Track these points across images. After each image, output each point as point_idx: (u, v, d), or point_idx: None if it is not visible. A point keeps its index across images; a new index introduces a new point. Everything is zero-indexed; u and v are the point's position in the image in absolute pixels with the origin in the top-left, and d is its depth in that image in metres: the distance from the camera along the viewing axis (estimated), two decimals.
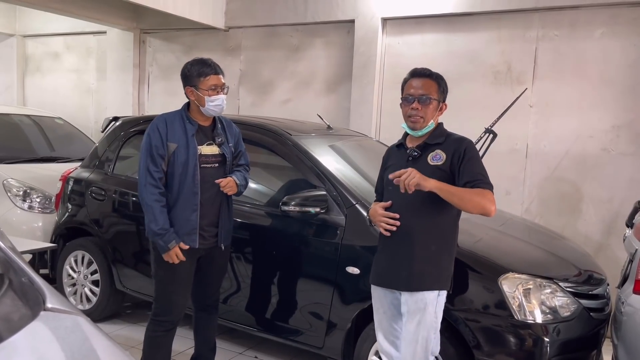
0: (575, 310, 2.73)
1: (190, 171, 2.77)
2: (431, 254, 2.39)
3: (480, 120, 4.75)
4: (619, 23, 4.46)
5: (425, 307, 2.36)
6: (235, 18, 6.34)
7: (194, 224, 2.81)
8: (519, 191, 4.90)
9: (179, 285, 2.88)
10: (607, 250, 4.53)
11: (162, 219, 2.73)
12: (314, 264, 3.20)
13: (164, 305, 2.90)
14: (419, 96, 2.40)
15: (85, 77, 7.63)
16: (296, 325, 3.26)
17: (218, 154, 2.88)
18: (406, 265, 2.39)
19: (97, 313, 4.08)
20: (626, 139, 4.48)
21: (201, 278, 3.00)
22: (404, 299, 2.41)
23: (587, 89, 4.60)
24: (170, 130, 2.79)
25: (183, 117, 2.84)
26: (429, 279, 2.39)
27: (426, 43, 5.26)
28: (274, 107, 6.16)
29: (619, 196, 4.50)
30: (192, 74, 2.80)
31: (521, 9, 4.79)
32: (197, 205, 2.80)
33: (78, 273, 4.20)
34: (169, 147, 2.77)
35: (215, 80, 2.79)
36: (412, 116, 2.41)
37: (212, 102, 2.78)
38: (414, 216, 2.39)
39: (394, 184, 2.36)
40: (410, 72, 2.50)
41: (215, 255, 2.99)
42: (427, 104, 2.40)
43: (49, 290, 1.41)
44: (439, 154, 2.39)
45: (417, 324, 2.36)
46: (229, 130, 2.99)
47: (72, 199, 4.28)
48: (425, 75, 2.46)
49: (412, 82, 2.45)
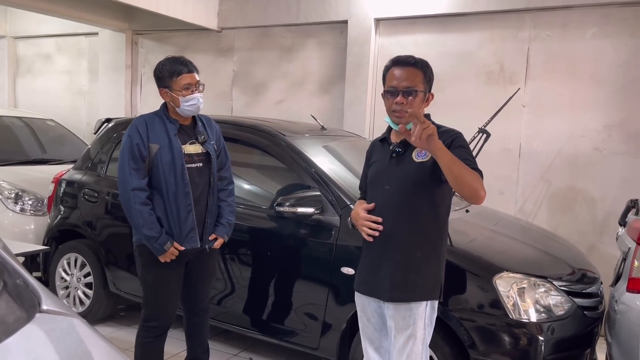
0: (569, 309, 2.74)
1: (179, 171, 2.70)
2: (416, 261, 2.19)
3: (473, 120, 4.76)
4: (610, 23, 4.49)
5: (415, 322, 2.17)
6: (228, 19, 6.32)
7: (192, 224, 2.74)
8: (512, 191, 4.92)
9: (168, 290, 2.81)
10: (600, 248, 4.55)
11: (154, 222, 2.66)
12: (309, 265, 3.20)
13: (153, 311, 2.83)
14: (404, 89, 2.14)
15: (77, 79, 7.59)
16: (291, 326, 3.26)
17: (202, 152, 2.81)
18: (388, 273, 2.19)
19: (91, 316, 4.05)
20: (618, 138, 4.51)
21: (190, 282, 2.93)
22: (389, 313, 2.21)
23: (579, 88, 4.63)
24: (151, 131, 2.69)
25: (163, 117, 2.75)
26: (414, 288, 2.18)
27: (419, 43, 5.28)
28: (267, 108, 6.15)
29: (611, 195, 4.53)
30: (164, 75, 2.70)
31: (513, 10, 4.81)
32: (191, 205, 2.73)
33: (71, 276, 4.17)
34: (150, 149, 2.68)
35: (189, 79, 2.69)
36: (397, 111, 2.16)
37: (187, 102, 2.69)
38: (398, 218, 2.19)
39: (377, 184, 2.23)
40: (392, 60, 2.23)
41: (203, 258, 2.91)
42: (412, 98, 2.14)
43: (44, 292, 1.40)
44: (425, 150, 2.10)
45: (407, 338, 2.17)
46: (210, 127, 2.91)
47: (64, 201, 4.26)
48: (409, 63, 2.18)
49: (394, 72, 2.18)
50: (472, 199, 2.04)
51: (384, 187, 2.23)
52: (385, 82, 2.26)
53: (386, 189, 2.22)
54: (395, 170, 2.22)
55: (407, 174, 2.18)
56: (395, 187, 2.20)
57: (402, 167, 2.20)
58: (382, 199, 2.22)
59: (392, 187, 2.21)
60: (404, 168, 2.19)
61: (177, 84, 2.67)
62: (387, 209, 2.21)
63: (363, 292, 2.32)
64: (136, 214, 2.65)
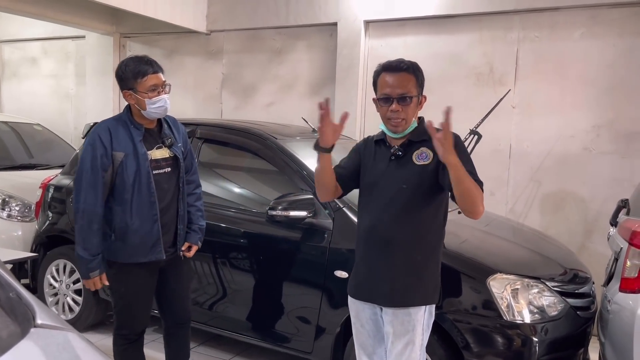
0: (562, 309, 2.75)
1: (144, 180, 2.56)
2: (416, 265, 2.16)
3: (463, 122, 4.77)
4: (597, 24, 4.52)
5: (414, 328, 2.14)
6: (217, 21, 6.29)
7: (157, 234, 2.62)
8: (503, 191, 4.94)
9: (140, 298, 2.72)
10: (590, 248, 4.58)
11: (93, 245, 2.53)
12: (302, 269, 3.18)
13: (125, 319, 2.73)
14: (398, 96, 2.11)
15: (64, 83, 7.51)
16: (284, 331, 3.23)
17: (169, 156, 2.69)
18: (388, 278, 2.16)
19: (80, 323, 3.99)
20: (606, 138, 4.54)
21: (169, 293, 2.84)
22: (387, 318, 2.18)
23: (568, 89, 4.65)
24: (114, 138, 2.54)
25: (127, 122, 2.59)
26: (415, 293, 2.15)
27: (409, 45, 5.28)
28: (258, 111, 6.12)
29: (600, 195, 4.55)
30: (127, 76, 2.54)
31: (502, 11, 4.83)
32: (156, 215, 2.60)
33: (60, 282, 4.11)
34: (115, 157, 2.53)
35: (155, 80, 2.54)
36: (393, 119, 2.13)
37: (154, 105, 2.54)
38: (397, 223, 2.15)
39: (376, 187, 2.18)
40: (382, 66, 2.17)
41: (177, 265, 2.81)
42: (407, 104, 2.12)
43: (38, 305, 1.36)
44: (425, 152, 2.13)
45: (405, 344, 2.14)
46: (176, 128, 2.79)
47: (52, 207, 4.20)
48: (401, 69, 2.14)
49: (386, 79, 2.14)
50: (471, 213, 2.05)
51: (383, 190, 2.18)
52: (376, 88, 2.21)
53: (386, 192, 2.18)
54: (395, 172, 2.18)
55: (408, 177, 2.15)
56: (396, 190, 2.16)
57: (402, 170, 2.16)
58: (382, 202, 2.18)
59: (392, 190, 2.17)
60: (404, 171, 2.16)
61: (142, 85, 2.53)
62: (387, 212, 2.17)
63: (359, 297, 2.27)
64: (79, 229, 2.54)
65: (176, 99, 6.24)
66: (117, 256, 2.64)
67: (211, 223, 3.40)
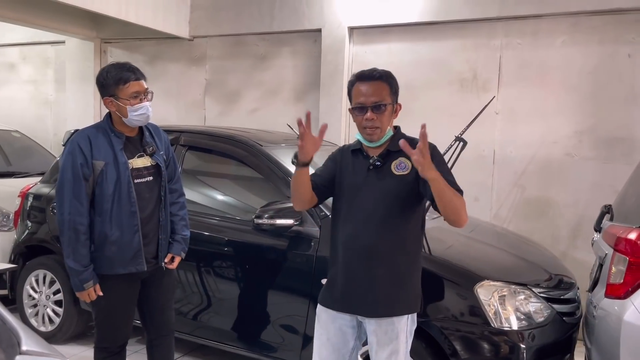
0: (548, 315, 2.76)
1: (125, 189, 2.50)
2: (398, 275, 2.17)
3: (448, 128, 4.79)
4: (579, 31, 4.58)
5: (398, 336, 2.15)
6: (200, 27, 6.25)
7: (138, 245, 2.56)
8: (487, 197, 4.96)
9: (122, 310, 2.65)
10: (574, 252, 4.62)
11: (83, 256, 2.48)
12: (289, 277, 3.14)
13: (107, 332, 2.67)
14: (372, 104, 2.11)
15: (43, 89, 7.39)
16: (271, 340, 3.19)
17: (151, 165, 2.63)
18: (371, 289, 2.15)
19: (61, 334, 3.91)
20: (588, 144, 4.60)
21: (151, 305, 2.78)
22: (371, 328, 2.18)
23: (551, 95, 4.71)
24: (94, 146, 2.48)
25: (107, 130, 2.54)
26: (398, 303, 2.16)
27: (393, 52, 5.30)
28: (242, 117, 6.09)
29: (583, 200, 4.60)
30: (109, 82, 2.49)
31: (485, 18, 4.87)
32: (137, 225, 2.55)
33: (39, 293, 4.01)
34: (95, 166, 2.47)
35: (137, 87, 2.50)
36: (368, 127, 2.13)
37: (136, 112, 2.50)
38: (378, 232, 2.14)
39: (355, 197, 2.17)
40: (356, 75, 2.19)
41: (159, 276, 2.75)
42: (382, 112, 2.12)
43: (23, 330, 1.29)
44: (404, 162, 2.15)
45: (389, 353, 2.15)
46: (157, 136, 2.74)
47: (32, 216, 4.11)
48: (374, 77, 2.15)
49: (361, 88, 2.14)
50: (455, 222, 2.06)
51: (363, 200, 2.17)
52: (351, 97, 2.21)
53: (366, 202, 2.17)
54: (374, 183, 2.18)
55: (388, 187, 2.15)
56: (376, 201, 2.16)
57: (382, 180, 2.17)
58: (362, 212, 2.17)
59: (372, 200, 2.16)
60: (384, 181, 2.16)
61: (124, 92, 2.48)
62: (368, 223, 2.16)
63: (338, 308, 2.24)
64: (67, 241, 2.47)
65: (159, 105, 6.17)
66: (97, 267, 2.57)
67: (195, 231, 3.35)
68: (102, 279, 2.59)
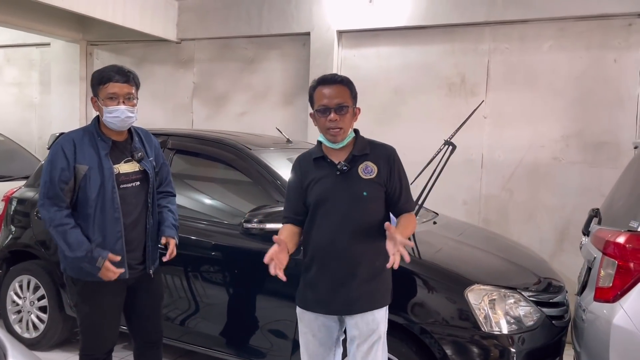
0: (538, 319, 2.76)
1: (108, 194, 2.46)
2: (376, 271, 2.30)
3: (436, 132, 4.80)
4: (565, 36, 4.63)
5: (378, 326, 2.30)
6: (188, 30, 6.21)
7: (120, 252, 2.50)
8: (476, 200, 4.98)
9: (107, 318, 2.59)
10: (561, 256, 4.65)
11: (78, 242, 2.42)
12: (278, 282, 3.08)
13: (92, 339, 2.61)
14: (336, 106, 2.22)
15: (28, 91, 7.29)
16: (260, 346, 3.16)
17: (139, 170, 2.59)
18: (353, 287, 2.27)
19: (46, 341, 3.85)
20: (575, 148, 4.64)
21: (138, 312, 2.73)
22: (353, 322, 2.30)
23: (538, 100, 4.74)
24: (79, 150, 2.44)
25: (94, 134, 2.51)
26: (378, 296, 2.32)
27: (382, 55, 5.31)
28: (230, 120, 6.05)
29: (570, 203, 4.64)
30: (93, 82, 2.48)
31: (473, 23, 4.90)
32: (120, 231, 2.50)
33: (23, 299, 3.94)
34: (78, 170, 2.43)
35: (116, 89, 2.43)
36: (332, 128, 2.24)
37: (110, 114, 2.44)
38: (355, 235, 2.27)
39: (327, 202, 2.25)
40: (317, 80, 2.31)
41: (145, 283, 2.69)
42: (344, 114, 2.24)
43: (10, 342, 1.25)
44: (370, 166, 2.29)
45: (371, 344, 2.28)
46: (148, 142, 2.70)
47: (16, 220, 4.04)
48: (336, 81, 2.27)
49: (323, 91, 2.25)
50: None
51: (336, 205, 2.27)
52: (313, 102, 2.30)
53: (339, 207, 2.27)
54: (344, 187, 2.28)
55: (357, 190, 2.27)
56: (348, 204, 2.27)
57: (351, 184, 2.28)
58: (336, 217, 2.27)
59: (345, 204, 2.27)
60: (353, 185, 2.27)
61: (102, 92, 2.45)
62: (344, 226, 2.27)
63: (322, 312, 2.33)
64: (58, 239, 2.44)
65: (145, 108, 6.11)
66: (80, 273, 2.53)
67: (184, 236, 3.32)
68: (85, 284, 2.54)
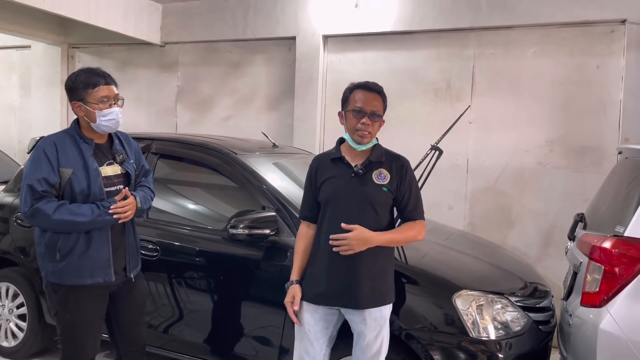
0: (525, 324, 2.76)
1: (97, 197, 2.44)
2: (382, 269, 2.42)
3: (422, 137, 4.82)
4: (549, 42, 4.67)
5: (385, 322, 2.42)
6: (172, 33, 6.15)
7: (107, 255, 2.49)
8: (461, 205, 4.99)
9: (88, 326, 2.53)
10: (546, 260, 4.68)
11: (85, 206, 2.38)
12: (265, 288, 3.07)
13: (72, 349, 2.55)
14: (371, 112, 2.36)
15: (7, 94, 7.16)
16: (246, 353, 3.11)
17: (121, 173, 2.57)
18: (359, 284, 2.36)
19: (25, 350, 3.76)
20: (559, 153, 4.67)
21: (121, 320, 2.69)
22: (359, 318, 2.39)
23: (522, 105, 4.77)
24: (61, 153, 2.40)
25: (75, 137, 2.47)
26: (384, 293, 2.42)
27: (367, 60, 5.30)
28: (214, 125, 6.00)
29: (554, 208, 4.67)
30: (77, 86, 2.44)
31: (458, 28, 4.92)
32: (107, 235, 2.49)
33: (2, 307, 3.85)
34: (62, 174, 2.39)
35: (107, 91, 2.45)
36: (361, 130, 2.35)
37: (105, 117, 2.44)
38: None
39: (339, 201, 2.38)
40: (359, 84, 2.42)
41: (129, 289, 2.67)
42: (376, 121, 2.38)
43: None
44: (383, 173, 2.41)
45: (379, 339, 2.40)
46: (128, 145, 2.69)
47: None
48: (376, 90, 2.41)
49: (362, 95, 2.38)
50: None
51: (347, 204, 2.38)
52: (347, 102, 2.42)
53: (350, 206, 2.38)
54: (357, 188, 2.39)
55: (370, 193, 2.39)
56: (359, 205, 2.38)
57: (364, 187, 2.39)
58: (346, 215, 2.36)
59: (356, 204, 2.38)
60: (366, 188, 2.38)
61: (93, 96, 2.43)
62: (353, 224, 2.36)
63: (322, 303, 2.42)
64: (64, 217, 2.35)
65: (129, 112, 6.03)
66: (63, 278, 2.47)
67: (167, 242, 3.27)
68: (68, 290, 2.49)
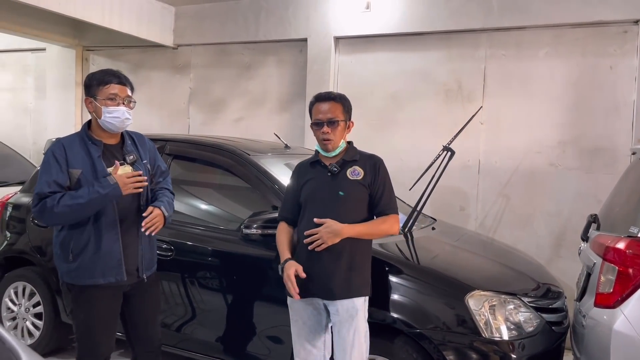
0: (538, 325, 2.76)
1: None
2: (357, 263, 2.55)
3: (433, 138, 4.83)
4: (562, 43, 4.65)
5: (357, 313, 2.49)
6: (184, 36, 6.20)
7: (118, 254, 2.51)
8: (473, 206, 4.98)
9: (103, 324, 2.55)
10: (558, 262, 4.65)
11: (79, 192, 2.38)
12: (278, 287, 3.07)
13: (88, 347, 2.57)
14: (327, 120, 2.55)
15: (23, 96, 7.26)
16: (259, 352, 3.14)
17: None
18: (336, 276, 2.51)
19: (41, 348, 3.80)
20: (571, 154, 4.65)
21: (136, 320, 2.71)
22: (334, 309, 2.52)
23: (534, 106, 4.76)
24: (70, 155, 2.44)
25: (84, 139, 2.50)
26: (358, 286, 2.54)
27: (379, 62, 5.32)
28: (226, 126, 6.04)
29: (566, 209, 4.65)
30: (92, 83, 2.50)
31: (470, 29, 4.92)
32: (118, 234, 2.51)
33: (19, 306, 3.90)
34: (71, 175, 2.42)
35: (117, 90, 2.48)
36: (324, 140, 2.56)
37: (110, 114, 2.46)
38: None
39: (317, 198, 2.55)
40: (315, 97, 2.65)
41: (142, 289, 2.67)
42: (335, 127, 2.56)
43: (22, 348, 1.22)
44: (357, 170, 2.58)
45: (351, 330, 2.48)
46: (142, 145, 2.69)
47: (11, 226, 4.00)
48: (329, 98, 2.60)
49: (318, 107, 2.59)
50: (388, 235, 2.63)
51: (323, 200, 2.55)
52: (311, 115, 2.64)
53: (326, 201, 2.55)
54: (334, 185, 2.57)
55: (345, 189, 2.56)
56: (335, 200, 2.54)
57: (339, 183, 2.57)
58: (322, 210, 2.53)
59: (331, 199, 2.55)
60: (341, 184, 2.56)
61: (103, 92, 2.48)
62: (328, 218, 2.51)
63: (303, 295, 2.52)
64: (68, 202, 2.36)
65: (141, 113, 6.10)
66: (76, 278, 2.51)
67: (181, 241, 3.30)
68: (82, 290, 2.52)
